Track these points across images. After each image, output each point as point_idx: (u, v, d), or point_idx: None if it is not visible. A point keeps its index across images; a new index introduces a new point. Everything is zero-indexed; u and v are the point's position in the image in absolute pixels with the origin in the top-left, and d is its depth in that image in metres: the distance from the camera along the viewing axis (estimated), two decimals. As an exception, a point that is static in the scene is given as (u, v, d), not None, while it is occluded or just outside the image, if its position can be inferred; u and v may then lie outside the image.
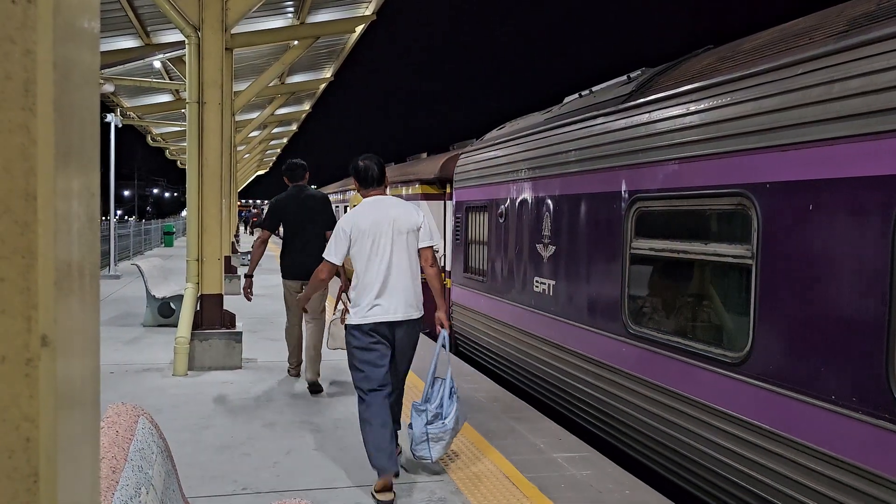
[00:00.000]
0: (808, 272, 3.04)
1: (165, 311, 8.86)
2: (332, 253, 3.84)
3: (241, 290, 6.09)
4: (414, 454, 3.86)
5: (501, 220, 6.86)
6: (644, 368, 4.26)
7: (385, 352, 3.73)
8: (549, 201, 5.74)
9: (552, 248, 5.69)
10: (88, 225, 0.62)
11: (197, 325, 6.51)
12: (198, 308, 6.56)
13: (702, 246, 3.79)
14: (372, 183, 3.90)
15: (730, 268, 3.69)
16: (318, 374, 5.71)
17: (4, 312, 0.52)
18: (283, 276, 5.90)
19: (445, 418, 3.78)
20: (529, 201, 6.16)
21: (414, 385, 5.50)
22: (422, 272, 3.79)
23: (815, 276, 3.00)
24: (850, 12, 3.21)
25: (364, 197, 3.93)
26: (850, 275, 2.82)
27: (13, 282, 0.52)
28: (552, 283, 5.68)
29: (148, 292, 8.85)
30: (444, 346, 3.91)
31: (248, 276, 5.98)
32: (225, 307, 6.69)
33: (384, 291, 3.69)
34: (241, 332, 6.63)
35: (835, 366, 2.88)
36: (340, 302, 4.90)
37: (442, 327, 3.93)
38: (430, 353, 4.35)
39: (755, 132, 3.35)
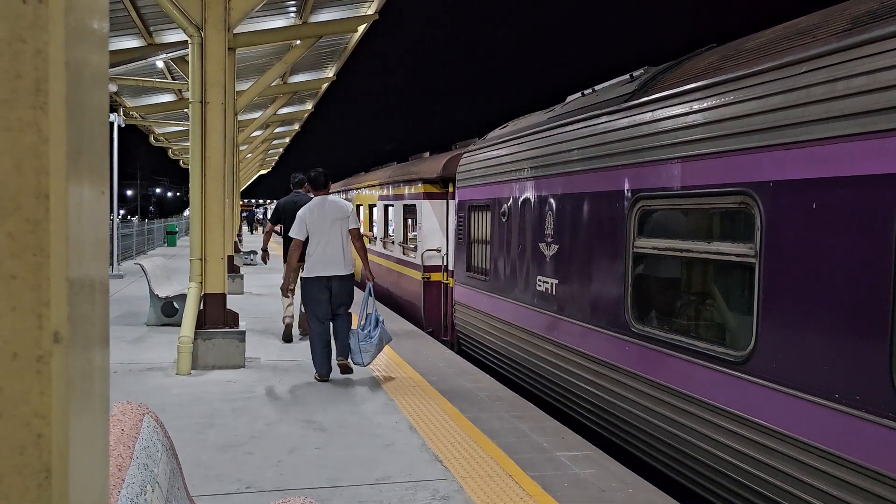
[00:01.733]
0: (811, 270, 3.04)
1: (169, 311, 8.87)
2: (296, 233, 6.03)
3: (261, 259, 8.68)
4: (353, 361, 5.91)
5: (504, 220, 6.86)
6: (647, 367, 4.26)
7: (325, 295, 5.91)
8: (552, 200, 5.74)
9: (555, 248, 5.69)
10: (98, 223, 0.62)
11: (200, 324, 6.53)
12: (201, 307, 6.58)
13: (705, 245, 3.78)
14: (320, 187, 6.14)
15: (733, 266, 3.68)
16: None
17: (16, 309, 0.52)
18: (284, 260, 7.80)
19: (372, 337, 5.87)
20: (532, 200, 6.16)
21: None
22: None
23: (819, 274, 2.99)
24: (853, 10, 3.20)
25: (315, 196, 6.17)
26: (853, 273, 2.82)
27: (24, 279, 0.52)
28: (555, 282, 5.68)
29: (151, 292, 8.87)
30: (370, 294, 6.10)
31: (263, 250, 8.44)
32: (228, 306, 6.71)
33: (324, 257, 5.87)
34: (244, 332, 6.64)
35: (838, 364, 2.87)
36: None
37: (369, 280, 6.17)
38: (437, 354, 4.84)
39: (758, 131, 3.35)
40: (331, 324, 6.02)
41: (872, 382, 2.70)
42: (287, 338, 7.73)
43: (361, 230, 6.66)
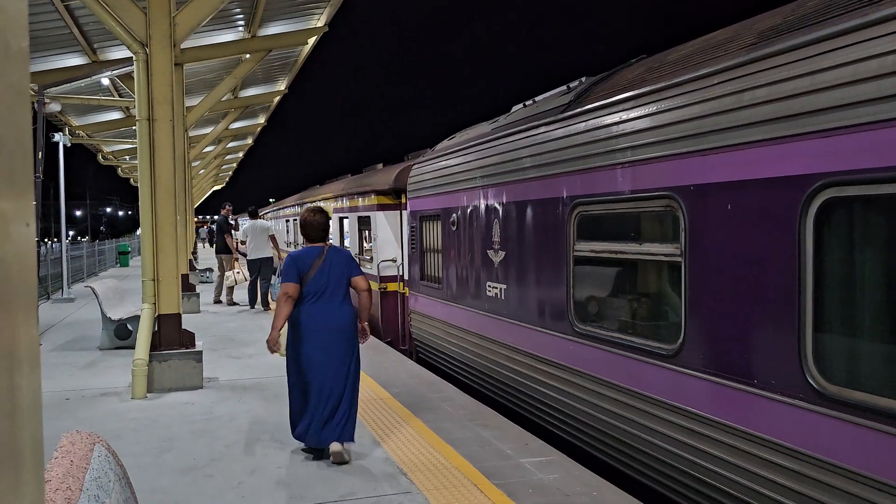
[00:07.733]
0: (729, 267, 3.26)
1: (122, 333, 8.71)
2: (241, 237, 13.00)
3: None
4: (271, 299, 11.96)
5: (454, 228, 7.00)
6: (590, 365, 4.45)
7: (255, 272, 12.25)
8: (498, 208, 5.91)
9: (502, 254, 5.86)
10: (23, 252, 0.61)
11: (155, 346, 6.45)
12: (155, 328, 6.51)
13: (637, 246, 3.99)
14: (255, 216, 12.73)
15: (663, 266, 3.90)
16: (232, 300, 13.07)
17: None
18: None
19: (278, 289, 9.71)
20: (480, 209, 6.32)
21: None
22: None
23: (736, 270, 3.22)
24: (759, 25, 3.44)
25: (252, 219, 12.63)
26: (765, 268, 3.05)
27: None
28: (504, 287, 5.84)
29: (103, 314, 8.70)
30: (279, 267, 9.26)
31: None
32: (184, 326, 6.65)
33: (254, 250, 12.11)
34: (201, 352, 6.59)
35: (755, 353, 3.10)
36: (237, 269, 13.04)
37: (280, 261, 10.85)
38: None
39: (679, 138, 3.57)
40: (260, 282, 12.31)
41: (785, 368, 2.92)
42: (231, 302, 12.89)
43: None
